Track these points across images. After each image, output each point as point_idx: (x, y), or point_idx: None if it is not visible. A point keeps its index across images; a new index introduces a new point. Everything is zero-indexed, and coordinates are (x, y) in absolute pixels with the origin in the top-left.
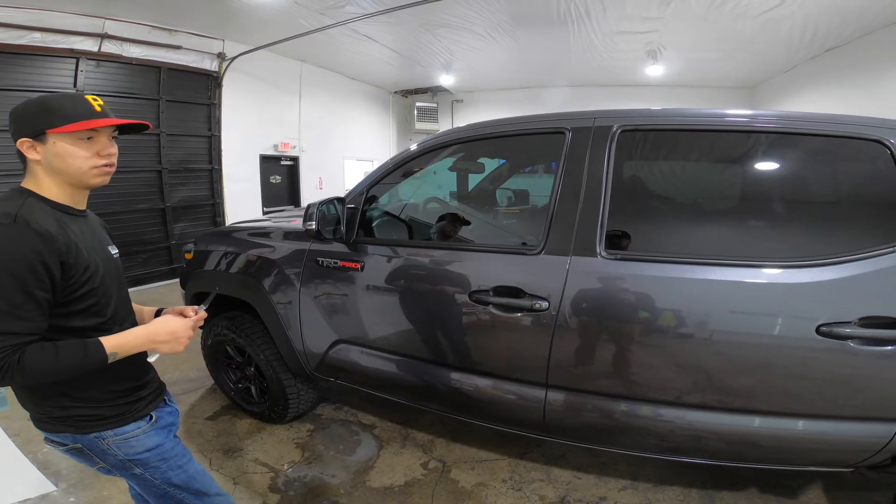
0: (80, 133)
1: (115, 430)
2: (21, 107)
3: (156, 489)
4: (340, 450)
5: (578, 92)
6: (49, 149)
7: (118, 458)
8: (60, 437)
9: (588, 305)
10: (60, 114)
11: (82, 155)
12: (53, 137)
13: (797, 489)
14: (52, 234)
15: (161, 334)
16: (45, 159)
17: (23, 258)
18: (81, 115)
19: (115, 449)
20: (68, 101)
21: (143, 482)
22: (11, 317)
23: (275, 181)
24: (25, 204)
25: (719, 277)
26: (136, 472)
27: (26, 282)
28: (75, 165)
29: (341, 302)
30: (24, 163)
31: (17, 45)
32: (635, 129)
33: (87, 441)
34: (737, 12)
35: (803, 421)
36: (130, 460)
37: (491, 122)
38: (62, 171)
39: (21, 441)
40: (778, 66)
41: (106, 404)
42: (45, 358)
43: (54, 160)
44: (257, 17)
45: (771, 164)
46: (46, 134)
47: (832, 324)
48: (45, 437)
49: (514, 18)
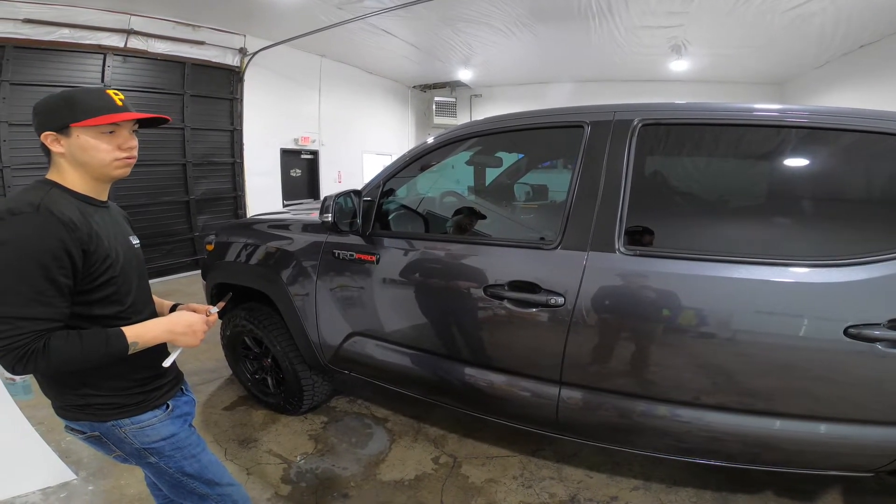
0: (102, 127)
1: (132, 418)
2: (44, 101)
3: (169, 478)
4: (353, 442)
5: (600, 87)
6: (73, 142)
7: (134, 446)
8: (80, 425)
9: (605, 302)
10: (84, 108)
11: (105, 148)
12: (77, 131)
13: (814, 493)
14: (74, 222)
15: (179, 326)
16: (69, 152)
17: (47, 246)
18: (104, 109)
19: (132, 437)
20: (91, 95)
21: (158, 471)
22: (36, 303)
23: (295, 175)
24: (49, 194)
25: (744, 276)
26: (150, 460)
27: (50, 269)
28: (98, 158)
29: (356, 294)
30: (48, 155)
31: (47, 41)
32: (657, 123)
33: (105, 429)
34: (765, 7)
35: (825, 424)
36: (146, 449)
37: (508, 115)
38: (85, 164)
39: (44, 430)
40: (808, 62)
41: (123, 393)
42: (69, 345)
43: (78, 153)
44: (277, 13)
45: (801, 160)
46: (70, 127)
47: (861, 325)
48: (66, 426)
49: (533, 13)
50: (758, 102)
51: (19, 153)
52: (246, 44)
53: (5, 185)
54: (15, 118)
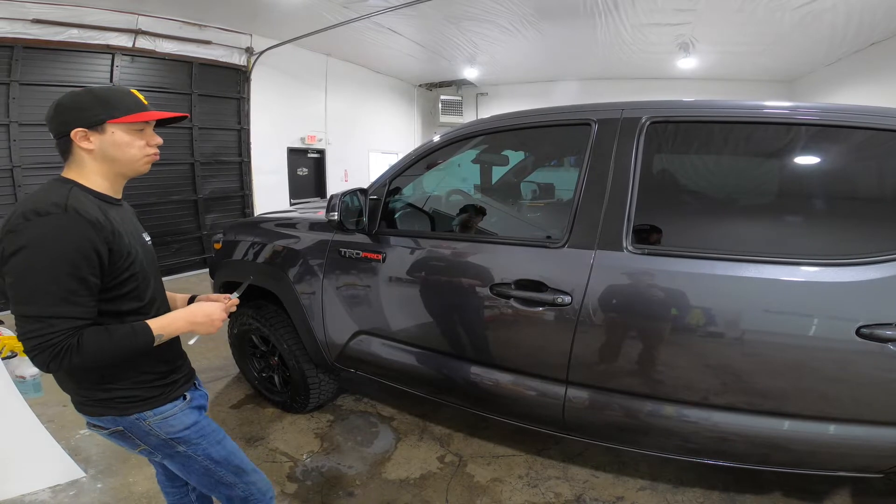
0: (135, 124)
1: (154, 410)
2: (71, 99)
3: (198, 466)
4: (358, 441)
5: (606, 85)
6: (106, 138)
7: (160, 437)
8: (102, 421)
9: (612, 301)
10: (119, 105)
11: (137, 144)
12: (112, 127)
13: (822, 494)
14: (100, 221)
15: (199, 315)
16: (100, 148)
17: (76, 246)
18: (137, 107)
19: (157, 429)
20: (121, 93)
21: (186, 460)
22: (67, 302)
23: (302, 173)
24: (72, 193)
25: (753, 275)
26: (179, 449)
27: (80, 268)
28: (130, 154)
29: (363, 293)
30: (66, 153)
31: (56, 41)
32: (665, 120)
33: (129, 423)
34: (774, 5)
35: (835, 425)
36: (172, 439)
37: (515, 113)
38: (116, 160)
39: (55, 427)
40: (819, 59)
41: (144, 386)
42: (100, 341)
43: (110, 149)
44: (283, 12)
45: (812, 158)
46: (106, 124)
47: (873, 325)
48: (88, 422)
49: (539, 11)
50: (767, 100)
51: (30, 153)
52: (252, 43)
53: (16, 185)
54: (25, 118)
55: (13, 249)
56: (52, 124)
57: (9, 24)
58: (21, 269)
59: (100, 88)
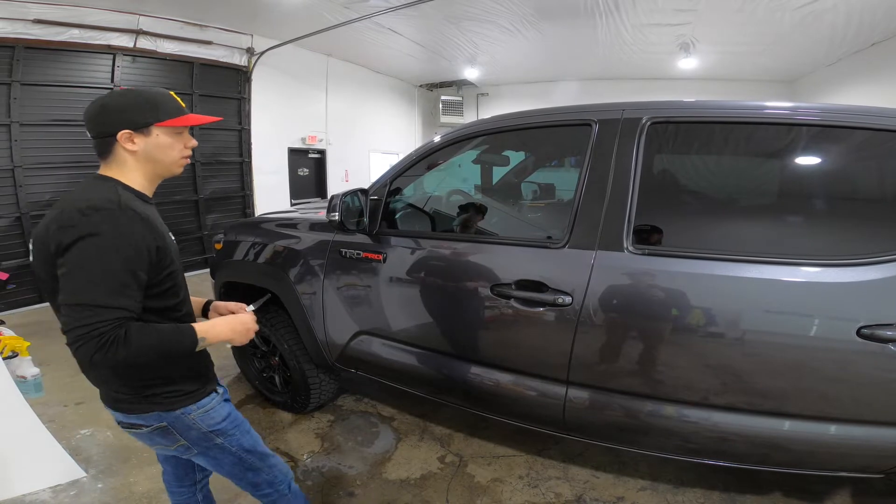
0: (175, 127)
1: (197, 403)
2: (120, 100)
3: (231, 457)
4: (359, 441)
5: (607, 85)
6: (151, 140)
7: (201, 430)
8: (144, 418)
9: (613, 301)
10: (166, 108)
11: (178, 147)
12: (158, 130)
13: (823, 494)
14: (150, 218)
15: (238, 325)
16: (144, 150)
17: (131, 241)
18: (177, 110)
19: (200, 422)
20: (164, 96)
21: (221, 452)
22: (119, 294)
23: (302, 174)
24: (121, 191)
25: (754, 275)
26: (216, 441)
27: (134, 263)
28: (171, 156)
29: (363, 293)
30: (105, 153)
31: (57, 41)
32: (666, 121)
33: (173, 418)
34: (775, 5)
35: (836, 425)
36: (212, 431)
37: (515, 113)
38: (158, 161)
39: (55, 427)
40: (819, 60)
41: (188, 380)
42: (148, 337)
43: (154, 150)
44: (284, 12)
45: (812, 158)
46: (151, 127)
47: (874, 326)
48: (121, 422)
49: (539, 11)
50: (768, 100)
51: (31, 153)
52: (253, 43)
53: (17, 185)
54: (26, 118)
55: (70, 241)
56: (95, 124)
57: (10, 24)
58: (78, 259)
59: (146, 91)
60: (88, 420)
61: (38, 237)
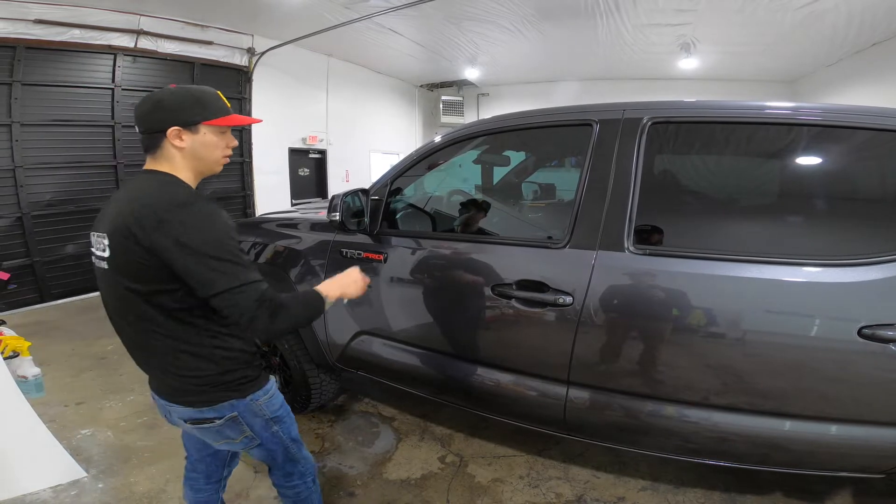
0: (222, 126)
1: (262, 388)
2: (173, 97)
3: (281, 446)
4: (360, 441)
5: (608, 85)
6: (198, 138)
7: (265, 417)
8: (217, 410)
9: (614, 301)
10: (214, 107)
11: (221, 145)
12: (205, 129)
13: (823, 494)
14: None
15: (348, 280)
16: (191, 147)
17: (230, 226)
18: (226, 110)
19: (265, 408)
20: (213, 95)
21: (275, 441)
22: (254, 269)
23: (303, 174)
24: (188, 187)
25: (755, 275)
26: (273, 429)
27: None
28: (215, 154)
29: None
30: (153, 148)
31: (58, 41)
32: (667, 121)
33: (244, 406)
34: (775, 5)
35: (837, 425)
36: (272, 418)
37: (516, 113)
38: (203, 159)
39: (56, 427)
40: (820, 60)
41: (252, 365)
42: (295, 301)
43: (200, 148)
44: (284, 12)
45: (814, 158)
46: (200, 125)
47: (875, 326)
48: (193, 418)
49: (540, 11)
50: (769, 100)
51: (32, 153)
52: (254, 44)
53: (18, 185)
54: (27, 118)
55: (178, 236)
56: (147, 119)
57: (11, 24)
58: (204, 249)
59: (197, 89)
60: (89, 420)
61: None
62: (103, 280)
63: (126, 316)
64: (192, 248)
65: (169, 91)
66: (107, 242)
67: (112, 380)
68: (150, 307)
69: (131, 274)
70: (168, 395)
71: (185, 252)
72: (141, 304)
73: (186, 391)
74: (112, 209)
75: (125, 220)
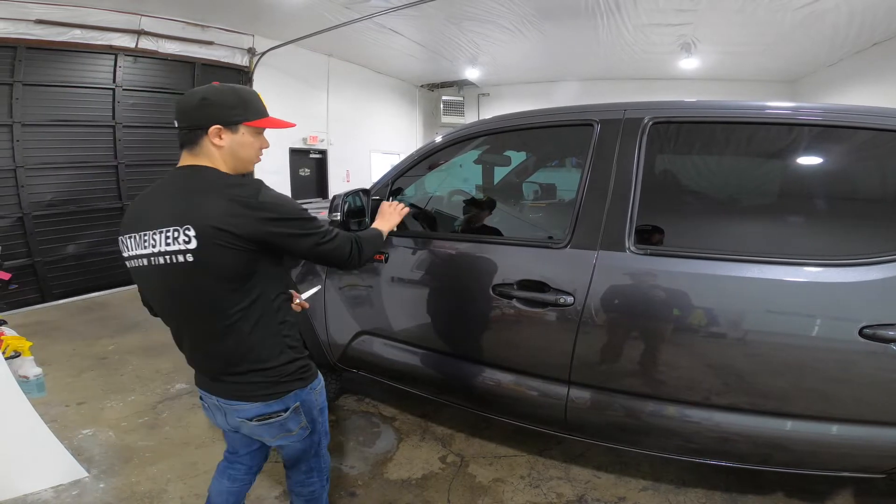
0: (258, 128)
1: (317, 378)
2: (218, 95)
3: (318, 438)
4: (360, 441)
5: (608, 85)
6: (236, 138)
7: (318, 408)
8: (283, 402)
9: (615, 301)
10: (254, 109)
11: (256, 147)
12: (244, 129)
13: (824, 494)
14: None
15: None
16: (229, 146)
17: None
18: (264, 112)
19: (319, 398)
20: (254, 96)
21: (319, 432)
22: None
23: (304, 174)
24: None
25: (756, 275)
26: (319, 420)
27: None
28: (250, 154)
29: (365, 293)
30: (191, 143)
31: (59, 41)
32: (668, 121)
33: (305, 395)
34: (776, 5)
35: (838, 425)
36: (321, 408)
37: (516, 114)
38: (239, 158)
39: (58, 427)
40: (821, 60)
41: (306, 354)
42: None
43: (237, 148)
44: (285, 12)
45: (814, 158)
46: (240, 125)
47: (876, 326)
48: (262, 414)
49: (540, 11)
50: (770, 100)
51: (33, 153)
52: (254, 44)
53: (19, 185)
54: (28, 118)
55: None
56: (191, 116)
57: (12, 24)
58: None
59: (241, 89)
60: (90, 420)
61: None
62: (171, 276)
63: (201, 311)
64: (289, 219)
65: (215, 89)
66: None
67: (113, 380)
68: (235, 295)
69: (222, 265)
70: (236, 394)
71: (285, 225)
72: (226, 294)
73: (257, 385)
74: (170, 204)
75: (208, 213)
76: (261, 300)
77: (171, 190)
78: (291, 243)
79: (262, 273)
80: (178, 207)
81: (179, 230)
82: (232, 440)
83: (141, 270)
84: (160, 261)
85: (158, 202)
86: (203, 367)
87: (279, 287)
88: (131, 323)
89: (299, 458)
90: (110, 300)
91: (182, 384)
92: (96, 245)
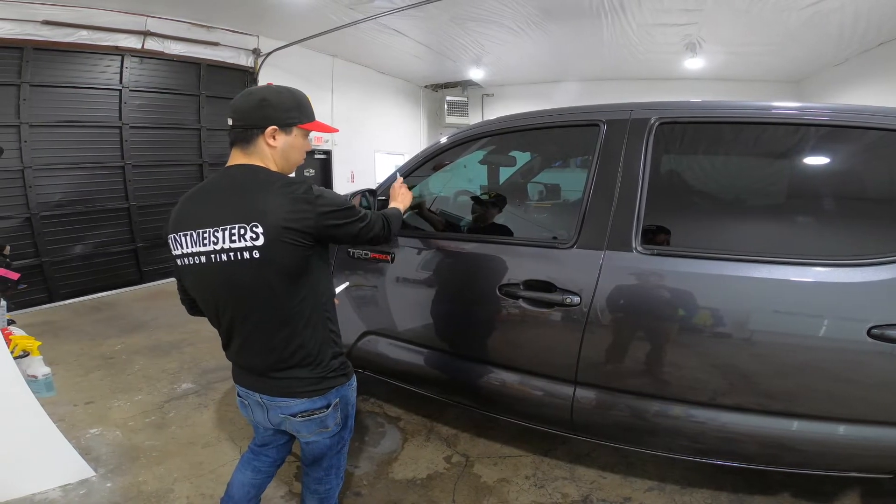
0: (307, 130)
1: (353, 375)
2: (277, 97)
3: (346, 434)
4: (365, 441)
5: (613, 86)
6: (289, 140)
7: (352, 404)
8: (326, 397)
9: (621, 301)
10: (308, 112)
11: (305, 149)
12: (297, 131)
13: (832, 495)
14: None
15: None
16: (281, 147)
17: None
18: (314, 115)
19: (354, 395)
20: (307, 100)
21: (343, 429)
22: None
23: (308, 174)
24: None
25: (763, 276)
26: (351, 414)
27: None
28: (297, 156)
29: (371, 293)
30: (245, 142)
31: (66, 42)
32: (674, 121)
33: (345, 390)
34: (782, 5)
35: (845, 426)
36: (352, 405)
37: (522, 114)
38: (288, 159)
39: (65, 426)
40: (827, 59)
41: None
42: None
43: (288, 149)
44: (289, 13)
45: (822, 158)
46: (294, 127)
47: (884, 326)
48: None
49: (545, 11)
50: (776, 100)
51: (40, 154)
52: (259, 44)
53: (27, 186)
54: (35, 119)
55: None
56: (248, 115)
57: (19, 25)
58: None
59: (296, 92)
60: (98, 419)
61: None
62: (235, 272)
63: (262, 306)
64: (340, 210)
65: (273, 90)
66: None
67: (120, 379)
68: (294, 290)
69: (287, 261)
70: (283, 391)
71: (338, 216)
72: (286, 289)
73: (304, 381)
74: (231, 202)
75: (274, 211)
76: (312, 295)
77: (229, 188)
78: (343, 231)
79: (315, 267)
80: (241, 205)
81: (246, 227)
82: (263, 434)
83: (195, 268)
84: (223, 258)
85: (216, 200)
86: (252, 363)
87: (327, 282)
88: (138, 323)
89: (323, 455)
90: (117, 300)
91: (188, 384)
92: (103, 245)
